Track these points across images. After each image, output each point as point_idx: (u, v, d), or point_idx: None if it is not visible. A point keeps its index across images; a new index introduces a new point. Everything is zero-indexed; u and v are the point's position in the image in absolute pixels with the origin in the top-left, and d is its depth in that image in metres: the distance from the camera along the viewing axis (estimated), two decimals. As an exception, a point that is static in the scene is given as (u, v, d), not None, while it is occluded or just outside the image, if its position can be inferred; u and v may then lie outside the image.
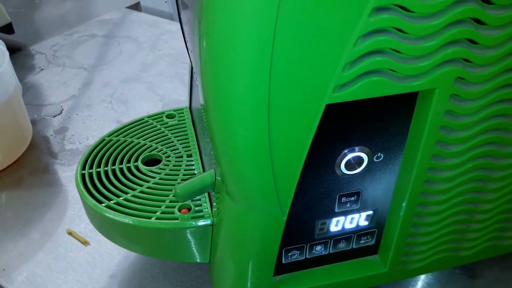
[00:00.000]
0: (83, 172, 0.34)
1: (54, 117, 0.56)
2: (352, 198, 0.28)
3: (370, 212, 0.29)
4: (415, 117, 0.25)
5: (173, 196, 0.32)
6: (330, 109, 0.23)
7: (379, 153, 0.26)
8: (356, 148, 0.26)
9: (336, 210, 0.28)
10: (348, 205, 0.28)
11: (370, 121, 0.24)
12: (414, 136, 0.25)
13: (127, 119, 0.55)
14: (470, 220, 0.30)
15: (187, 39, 0.35)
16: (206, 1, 0.20)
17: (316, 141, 0.24)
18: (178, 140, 0.37)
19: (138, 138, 0.37)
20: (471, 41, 0.22)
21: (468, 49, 0.22)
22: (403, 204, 0.28)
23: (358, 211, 0.29)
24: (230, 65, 0.21)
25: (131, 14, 0.81)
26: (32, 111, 0.57)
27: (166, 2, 1.04)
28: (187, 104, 0.43)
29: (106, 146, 0.36)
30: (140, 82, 0.62)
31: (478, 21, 0.21)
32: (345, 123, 0.24)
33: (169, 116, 0.40)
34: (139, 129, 0.38)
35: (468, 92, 0.23)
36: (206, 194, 0.33)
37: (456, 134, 0.25)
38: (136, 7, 0.86)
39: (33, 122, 0.54)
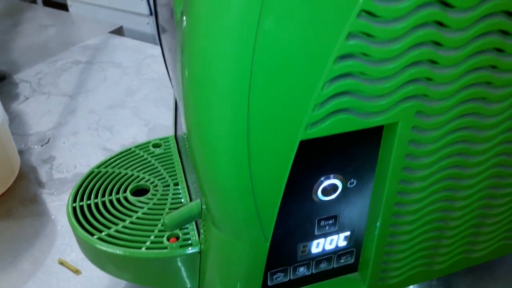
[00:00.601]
0: (74, 205, 0.35)
1: (41, 146, 0.57)
2: (330, 222, 0.30)
3: (348, 233, 0.31)
4: (382, 146, 0.27)
5: (162, 225, 0.33)
6: (304, 144, 0.25)
7: (352, 180, 0.28)
8: (331, 176, 0.28)
9: (316, 233, 0.30)
10: (327, 228, 0.30)
11: (342, 152, 0.27)
12: (383, 163, 0.27)
13: (113, 145, 0.56)
14: (440, 236, 0.32)
15: (168, 64, 0.37)
16: (187, 34, 0.22)
17: (293, 172, 0.26)
18: (165, 169, 0.39)
19: (126, 169, 0.39)
20: (428, 79, 0.24)
21: (425, 86, 0.24)
22: (377, 225, 0.30)
23: (337, 232, 0.31)
24: (210, 100, 0.23)
25: (114, 39, 0.82)
26: (19, 141, 0.58)
27: (148, 24, 1.06)
28: (172, 131, 0.44)
29: (95, 178, 0.38)
30: (125, 108, 0.63)
31: (433, 61, 0.24)
32: (319, 155, 0.26)
33: (155, 145, 0.42)
34: (126, 159, 0.40)
35: (428, 123, 0.26)
36: (194, 221, 0.34)
37: (421, 160, 0.27)
38: (119, 31, 0.87)
39: (20, 152, 0.55)
